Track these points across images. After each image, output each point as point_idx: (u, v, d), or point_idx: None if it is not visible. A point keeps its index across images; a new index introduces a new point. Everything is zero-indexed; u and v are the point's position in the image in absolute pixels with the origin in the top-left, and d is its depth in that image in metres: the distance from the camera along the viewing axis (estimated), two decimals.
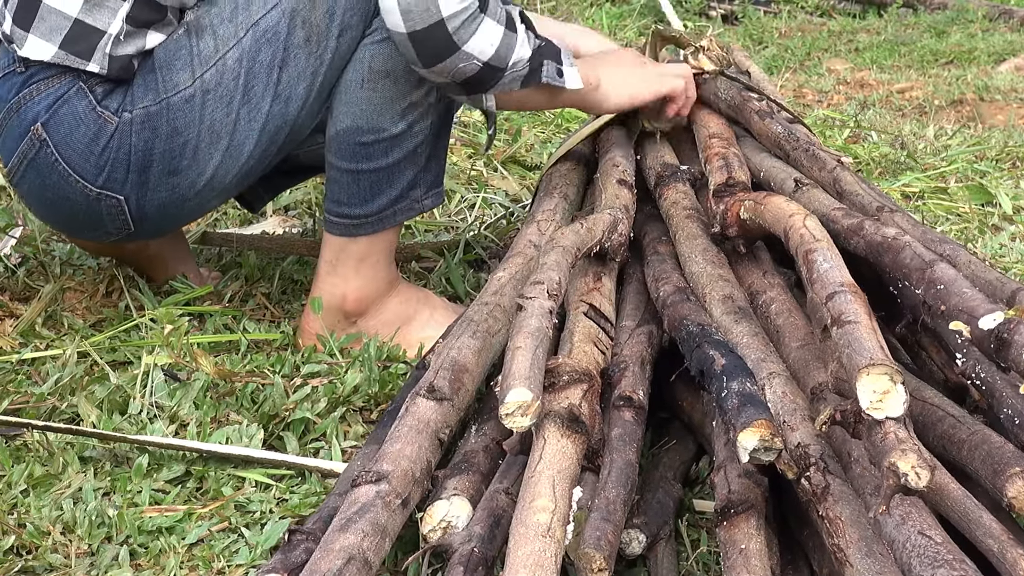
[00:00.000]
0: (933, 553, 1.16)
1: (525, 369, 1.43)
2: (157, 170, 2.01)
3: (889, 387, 1.25)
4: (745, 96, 2.28)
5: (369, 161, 2.04)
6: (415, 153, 2.06)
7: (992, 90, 4.31)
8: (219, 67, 1.97)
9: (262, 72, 1.97)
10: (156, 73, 1.98)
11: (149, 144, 1.99)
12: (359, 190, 2.07)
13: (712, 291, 1.81)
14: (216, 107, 1.98)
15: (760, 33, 5.57)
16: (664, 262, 1.94)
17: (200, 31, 1.97)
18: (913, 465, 1.19)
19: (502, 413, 1.40)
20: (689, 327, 1.69)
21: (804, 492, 1.41)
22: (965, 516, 1.23)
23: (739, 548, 1.33)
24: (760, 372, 1.59)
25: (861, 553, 1.29)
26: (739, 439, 1.39)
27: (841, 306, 1.42)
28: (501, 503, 1.49)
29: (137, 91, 1.99)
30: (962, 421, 1.42)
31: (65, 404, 1.95)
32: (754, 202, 1.83)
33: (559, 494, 1.32)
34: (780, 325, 1.71)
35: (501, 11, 1.93)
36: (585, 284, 1.84)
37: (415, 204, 2.11)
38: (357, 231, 2.09)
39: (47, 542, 1.62)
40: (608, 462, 1.52)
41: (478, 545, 1.41)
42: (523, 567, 1.22)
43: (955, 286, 1.47)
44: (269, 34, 1.96)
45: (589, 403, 1.52)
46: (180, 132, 1.99)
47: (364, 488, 1.45)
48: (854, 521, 1.33)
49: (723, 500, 1.42)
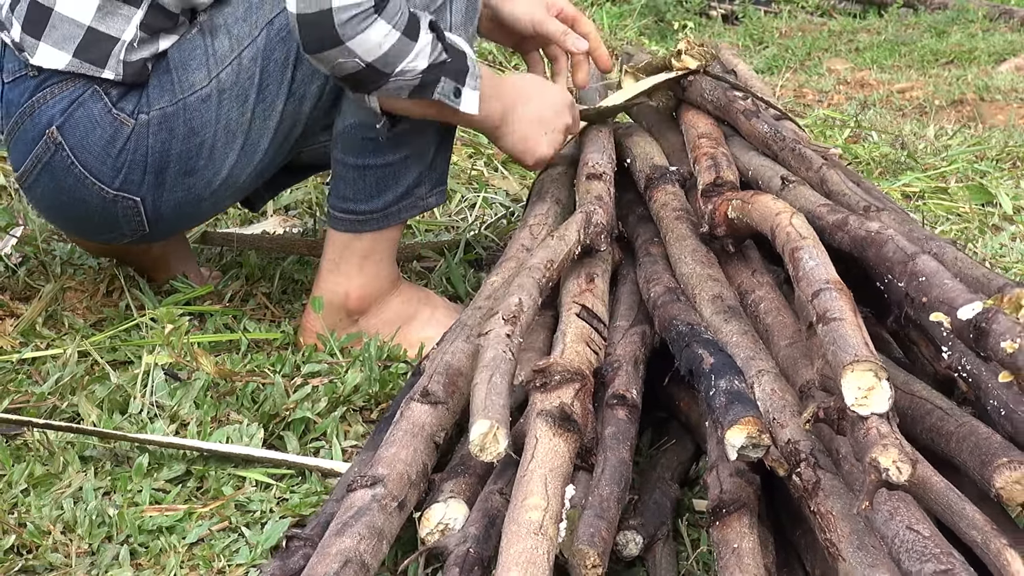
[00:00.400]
0: (921, 548, 1.17)
1: (481, 401, 1.47)
2: (174, 171, 2.02)
3: (874, 383, 1.26)
4: (731, 96, 2.29)
5: (376, 156, 2.05)
6: (422, 150, 2.06)
7: (992, 90, 4.32)
8: (235, 66, 1.98)
9: (276, 70, 1.99)
10: (172, 74, 1.99)
11: (166, 145, 2.00)
12: (365, 185, 2.07)
13: (702, 291, 1.82)
14: (232, 106, 2.00)
15: (760, 33, 5.58)
16: (656, 263, 1.95)
17: (215, 31, 1.98)
18: (894, 460, 1.19)
19: (474, 452, 1.42)
20: (679, 327, 1.70)
21: (795, 488, 1.41)
22: (949, 508, 1.24)
23: (732, 547, 1.34)
24: (749, 370, 1.59)
25: (853, 547, 1.29)
26: (727, 437, 1.40)
27: (826, 303, 1.42)
28: (496, 504, 1.49)
29: (153, 93, 2.00)
30: (950, 413, 1.42)
31: (65, 403, 1.95)
32: (741, 201, 1.84)
33: (551, 492, 1.33)
34: (769, 324, 1.72)
35: (403, 16, 1.86)
36: (577, 286, 1.85)
37: (419, 201, 2.11)
38: (362, 227, 2.10)
39: (47, 541, 1.62)
40: (602, 460, 1.53)
41: (473, 545, 1.41)
42: (515, 564, 1.23)
43: (936, 278, 1.47)
44: (283, 32, 1.97)
45: (582, 402, 1.52)
46: (197, 132, 2.00)
47: (360, 492, 1.46)
48: (845, 515, 1.33)
49: (715, 500, 1.43)
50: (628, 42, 4.75)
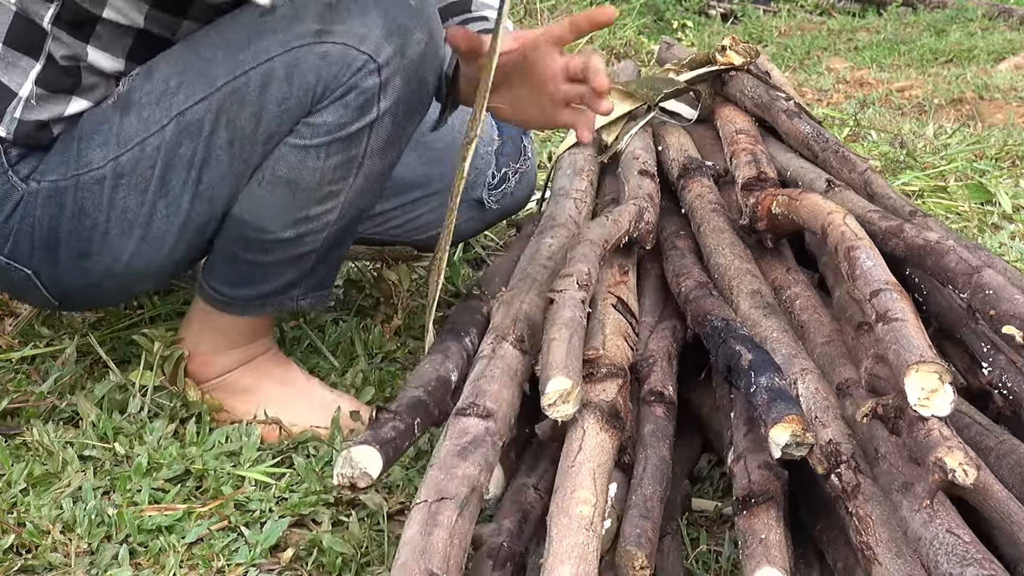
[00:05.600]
0: (962, 551, 1.17)
1: (562, 358, 1.46)
2: (65, 250, 1.79)
3: (937, 386, 1.26)
4: (773, 95, 2.29)
5: (247, 252, 1.82)
6: (299, 258, 1.83)
7: (992, 89, 4.32)
8: (136, 152, 1.73)
9: (181, 167, 1.74)
10: (74, 144, 1.76)
11: (55, 220, 1.77)
12: (232, 274, 1.85)
13: (740, 285, 1.81)
14: (128, 194, 1.75)
15: (759, 32, 5.58)
16: (684, 257, 1.94)
17: (127, 108, 1.74)
18: (960, 462, 1.19)
19: (545, 403, 1.41)
20: (714, 322, 1.68)
21: (833, 488, 1.41)
22: (1008, 517, 1.23)
23: (759, 538, 1.33)
24: (792, 368, 1.59)
25: (891, 553, 1.29)
26: (771, 434, 1.38)
27: (887, 303, 1.43)
28: (530, 498, 1.49)
29: (52, 161, 1.77)
30: (990, 429, 1.44)
31: (65, 403, 1.95)
32: (788, 198, 1.84)
33: (599, 488, 1.32)
34: (804, 321, 1.72)
35: None
36: (612, 276, 1.83)
37: (288, 301, 1.89)
38: (223, 308, 1.89)
39: (47, 541, 1.62)
40: (643, 459, 1.52)
41: (507, 540, 1.41)
42: (568, 558, 1.21)
43: (1005, 291, 1.50)
44: (192, 128, 1.72)
45: (624, 398, 1.53)
46: (88, 214, 1.76)
47: (473, 420, 1.45)
48: (884, 521, 1.33)
49: (744, 489, 1.42)
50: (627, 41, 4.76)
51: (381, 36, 1.69)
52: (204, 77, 1.70)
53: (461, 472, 1.35)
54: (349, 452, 1.40)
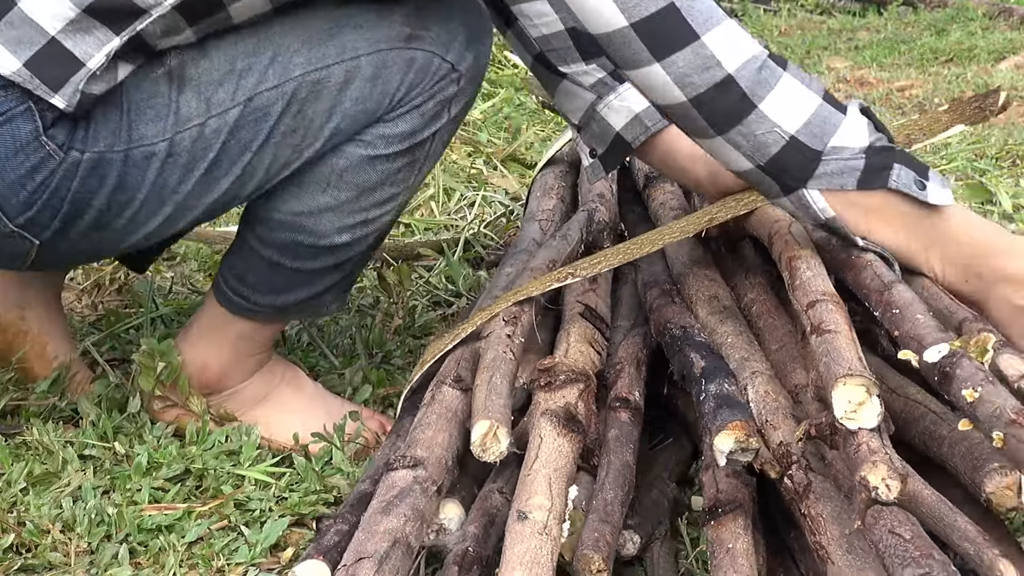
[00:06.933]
0: (902, 551, 1.17)
1: (481, 402, 1.48)
2: (86, 222, 1.67)
3: (864, 398, 1.26)
4: None
5: (295, 260, 1.77)
6: (343, 263, 1.79)
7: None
8: (194, 132, 1.64)
9: (236, 151, 1.66)
10: (122, 115, 1.63)
11: (90, 194, 1.64)
12: (272, 282, 1.80)
13: (698, 291, 1.82)
14: (173, 173, 1.66)
15: (760, 31, 5.57)
16: (653, 264, 1.95)
17: (184, 83, 1.64)
18: (883, 477, 1.20)
19: (476, 452, 1.43)
20: (672, 331, 1.70)
21: (787, 491, 1.41)
22: (940, 520, 1.23)
23: (726, 548, 1.34)
24: (743, 371, 1.59)
25: (842, 550, 1.29)
26: (715, 443, 1.39)
27: (822, 315, 1.42)
28: (495, 502, 1.49)
29: (99, 130, 1.63)
30: (944, 418, 1.42)
31: (64, 403, 1.95)
32: None
33: (555, 492, 1.33)
34: (760, 327, 1.72)
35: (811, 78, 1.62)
36: (581, 284, 1.84)
37: (320, 308, 1.87)
38: (251, 316, 1.84)
39: (47, 540, 1.62)
40: (605, 463, 1.52)
41: (472, 544, 1.41)
42: (519, 564, 1.22)
43: (909, 311, 1.46)
44: (259, 114, 1.65)
45: (585, 403, 1.53)
46: (125, 189, 1.65)
47: (401, 472, 1.45)
48: (835, 518, 1.33)
49: (711, 499, 1.43)
50: None
51: (463, 45, 1.69)
52: (278, 64, 1.65)
53: (383, 527, 1.35)
54: (294, 572, 1.39)
